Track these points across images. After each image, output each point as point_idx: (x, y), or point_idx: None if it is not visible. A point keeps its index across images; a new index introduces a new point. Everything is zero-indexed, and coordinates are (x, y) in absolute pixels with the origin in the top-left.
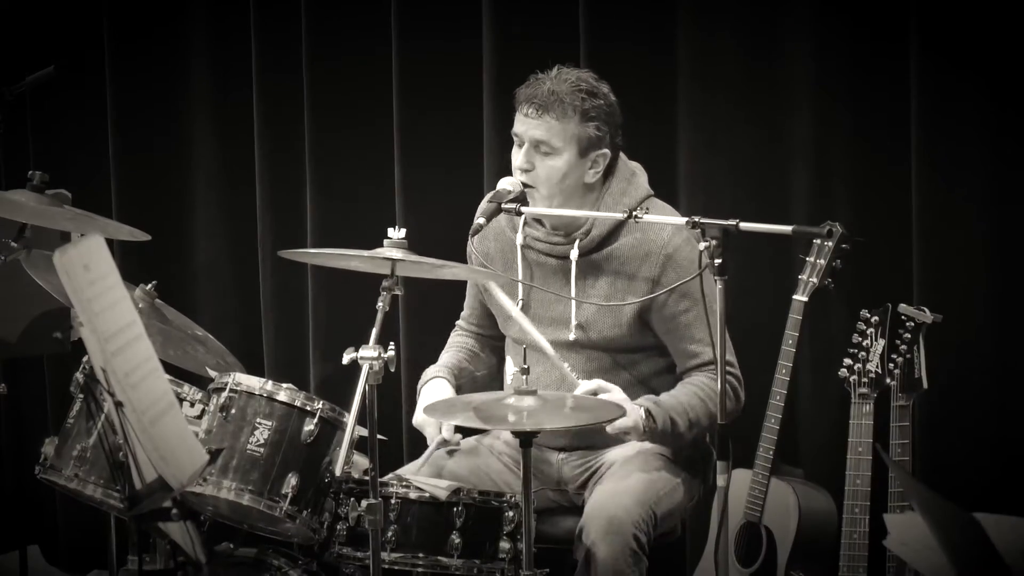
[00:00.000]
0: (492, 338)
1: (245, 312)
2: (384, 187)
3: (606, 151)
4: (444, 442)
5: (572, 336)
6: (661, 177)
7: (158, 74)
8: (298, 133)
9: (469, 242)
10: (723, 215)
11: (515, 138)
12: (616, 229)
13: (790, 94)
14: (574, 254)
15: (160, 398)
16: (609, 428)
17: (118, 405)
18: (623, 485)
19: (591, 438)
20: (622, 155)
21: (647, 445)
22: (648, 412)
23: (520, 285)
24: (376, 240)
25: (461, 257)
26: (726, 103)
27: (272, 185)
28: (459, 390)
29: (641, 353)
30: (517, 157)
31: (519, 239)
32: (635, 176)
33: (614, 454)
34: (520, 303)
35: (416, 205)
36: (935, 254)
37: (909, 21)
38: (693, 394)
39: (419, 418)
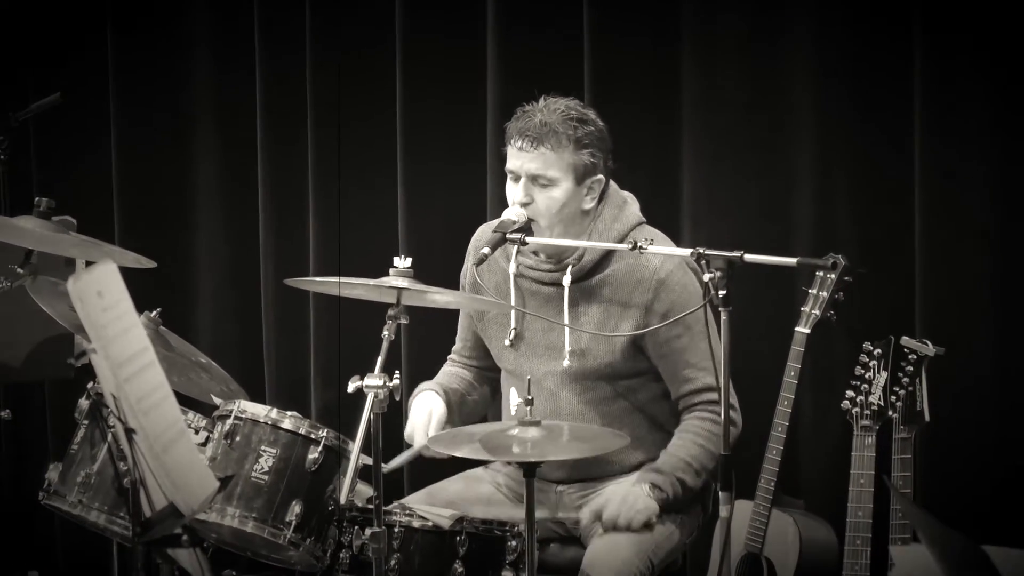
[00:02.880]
0: (485, 369)
1: (247, 339)
2: (386, 212)
3: (600, 176)
4: (427, 448)
5: (566, 364)
6: (664, 202)
7: (161, 99)
8: (301, 159)
9: (469, 271)
10: (725, 241)
11: (510, 174)
12: (608, 255)
13: (794, 118)
14: (567, 281)
15: (172, 424)
16: (634, 529)
17: (130, 432)
18: (621, 536)
19: (587, 470)
20: (613, 183)
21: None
22: (653, 485)
23: (514, 316)
24: (379, 267)
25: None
26: (730, 126)
27: (275, 211)
28: (449, 406)
29: (637, 379)
30: (514, 192)
31: (512, 268)
32: (626, 204)
33: (611, 490)
34: (513, 332)
35: (419, 231)
36: (938, 287)
37: (913, 38)
38: (692, 443)
39: (409, 428)
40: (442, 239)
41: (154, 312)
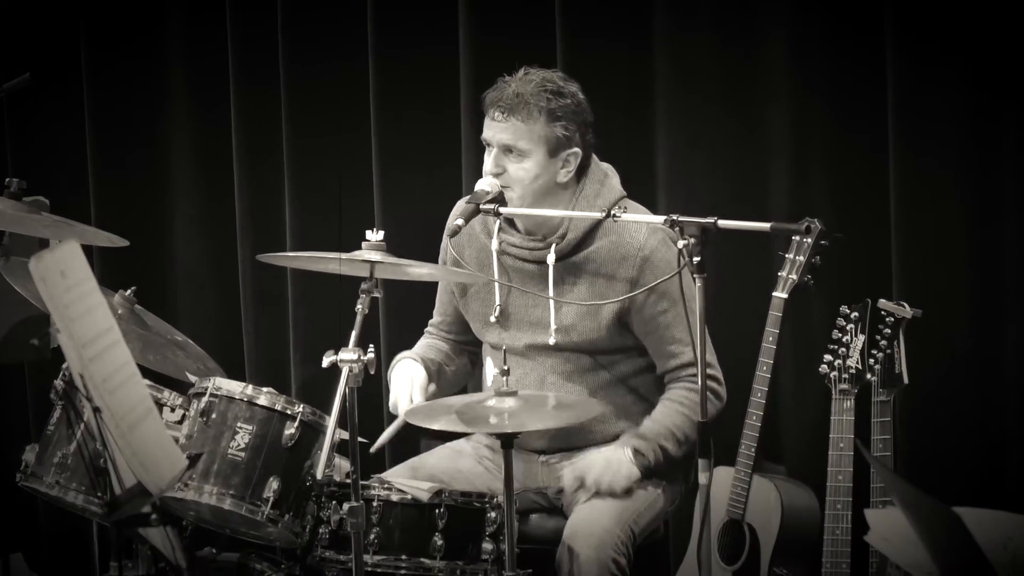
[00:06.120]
0: (464, 343)
1: (225, 317)
2: (363, 189)
3: (576, 150)
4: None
5: (552, 340)
6: (640, 175)
7: (136, 79)
8: (276, 138)
9: (445, 244)
10: (702, 212)
11: (485, 143)
12: (591, 232)
13: (768, 88)
14: (551, 258)
15: (138, 404)
16: (616, 493)
17: (96, 411)
18: (603, 504)
19: (569, 440)
20: (594, 156)
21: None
22: (636, 451)
23: (497, 292)
24: (355, 243)
25: (437, 258)
26: (704, 99)
27: (251, 189)
28: (429, 373)
29: (621, 354)
30: (487, 162)
31: (494, 245)
32: (608, 178)
33: (593, 454)
34: (498, 309)
35: (394, 207)
36: (914, 249)
37: (885, 11)
38: (675, 411)
39: (393, 398)
40: (419, 215)
41: (129, 291)
